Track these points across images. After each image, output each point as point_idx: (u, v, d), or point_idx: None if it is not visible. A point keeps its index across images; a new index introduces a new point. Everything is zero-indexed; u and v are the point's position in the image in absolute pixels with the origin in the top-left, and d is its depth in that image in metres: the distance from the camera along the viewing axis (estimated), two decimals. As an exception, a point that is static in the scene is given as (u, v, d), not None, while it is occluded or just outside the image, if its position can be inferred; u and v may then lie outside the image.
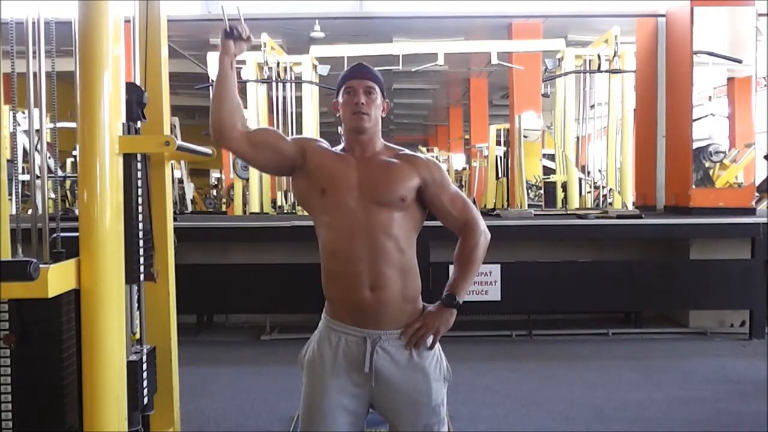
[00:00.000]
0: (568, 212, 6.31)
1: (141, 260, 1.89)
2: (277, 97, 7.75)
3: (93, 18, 1.72)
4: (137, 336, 2.01)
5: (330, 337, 1.70)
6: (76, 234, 1.72)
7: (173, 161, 3.87)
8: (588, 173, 7.95)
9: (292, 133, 7.48)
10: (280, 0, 8.24)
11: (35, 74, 1.86)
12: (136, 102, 1.95)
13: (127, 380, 1.81)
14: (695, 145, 5.68)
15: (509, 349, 4.73)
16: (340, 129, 1.87)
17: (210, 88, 8.80)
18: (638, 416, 3.30)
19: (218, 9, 1.69)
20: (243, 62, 7.32)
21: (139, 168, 1.89)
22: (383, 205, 1.67)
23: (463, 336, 4.83)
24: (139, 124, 1.99)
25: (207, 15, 7.55)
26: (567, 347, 4.80)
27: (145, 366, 1.96)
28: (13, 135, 2.70)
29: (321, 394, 1.68)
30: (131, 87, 1.95)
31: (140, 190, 1.90)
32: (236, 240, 5.23)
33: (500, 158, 10.64)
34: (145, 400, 1.96)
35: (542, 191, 8.14)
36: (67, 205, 8.16)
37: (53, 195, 6.23)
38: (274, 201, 8.16)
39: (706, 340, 4.94)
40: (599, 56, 7.28)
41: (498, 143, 10.59)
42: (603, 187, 7.69)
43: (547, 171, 8.44)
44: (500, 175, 10.56)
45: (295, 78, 7.91)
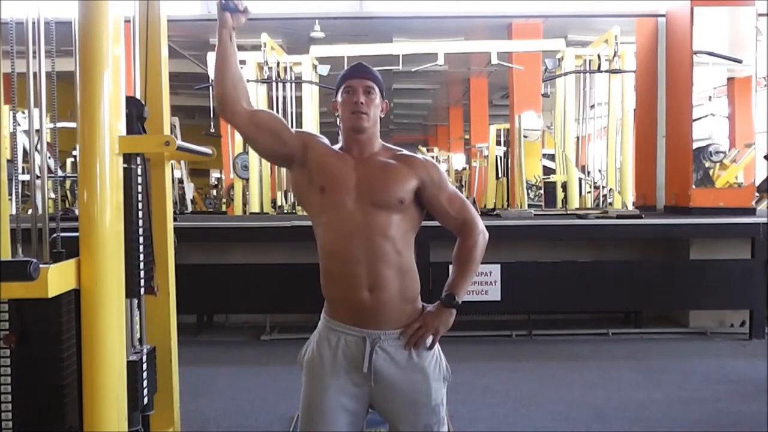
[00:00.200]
0: (568, 212, 6.31)
1: (141, 273, 1.88)
2: (277, 97, 7.74)
3: (93, 18, 1.71)
4: (138, 336, 2.01)
5: (329, 337, 1.70)
6: (76, 234, 1.72)
7: (173, 161, 3.87)
8: (588, 173, 7.95)
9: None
10: (280, 0, 8.24)
11: (35, 74, 1.85)
12: (137, 116, 1.95)
13: (127, 380, 1.80)
14: (695, 145, 5.68)
15: (509, 349, 4.74)
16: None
17: (210, 89, 8.84)
18: (638, 416, 3.30)
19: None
20: (243, 62, 7.31)
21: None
22: (381, 208, 1.66)
23: (463, 336, 4.83)
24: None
25: (207, 15, 7.54)
26: (567, 347, 4.80)
27: (145, 366, 1.96)
28: (13, 135, 2.70)
29: (320, 394, 1.68)
30: (131, 101, 1.94)
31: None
32: (236, 240, 5.24)
33: (500, 158, 10.65)
34: (145, 400, 1.95)
35: (542, 191, 8.14)
36: (67, 205, 8.16)
37: (53, 195, 6.23)
38: (274, 201, 8.16)
39: (706, 340, 4.94)
40: (599, 56, 7.28)
41: (498, 143, 10.59)
42: (603, 187, 7.68)
43: (547, 171, 8.44)
44: (500, 175, 10.56)
45: (295, 78, 7.92)
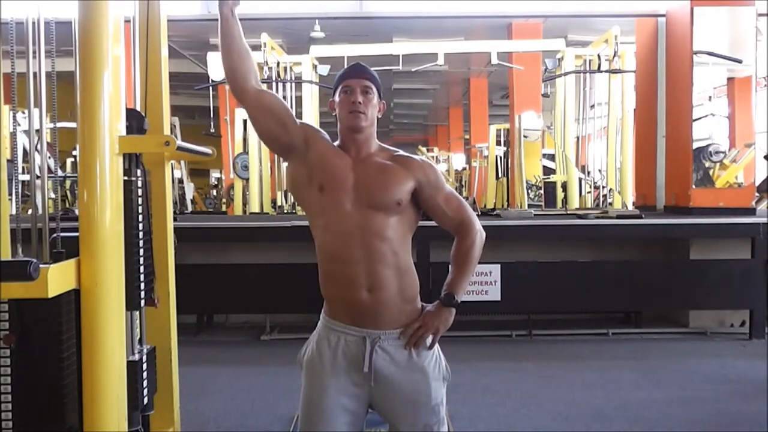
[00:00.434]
0: (568, 212, 6.30)
1: (141, 285, 1.88)
2: (277, 97, 7.73)
3: (93, 18, 1.71)
4: (138, 336, 2.01)
5: (329, 337, 1.70)
6: (76, 234, 1.71)
7: (173, 161, 3.87)
8: (588, 173, 7.94)
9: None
10: (280, 0, 8.24)
11: (35, 74, 1.85)
12: (137, 129, 1.94)
13: (127, 380, 1.80)
14: (695, 145, 5.68)
15: (509, 349, 4.73)
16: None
17: (210, 89, 8.84)
18: (638, 416, 3.30)
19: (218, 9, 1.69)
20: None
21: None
22: (379, 209, 1.66)
23: (463, 336, 4.83)
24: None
25: (207, 15, 7.54)
26: (567, 347, 4.80)
27: (145, 366, 1.96)
28: (13, 135, 2.70)
29: (320, 394, 1.68)
30: (132, 113, 1.93)
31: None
32: (236, 240, 5.23)
33: (500, 158, 10.65)
34: (145, 400, 1.95)
35: (542, 191, 8.14)
36: (67, 205, 8.16)
37: (53, 195, 6.23)
38: (274, 201, 8.17)
39: (706, 340, 4.94)
40: (599, 56, 7.28)
41: (498, 143, 10.59)
42: (603, 187, 7.68)
43: (547, 171, 8.44)
44: (500, 175, 10.56)
45: (295, 78, 7.91)
